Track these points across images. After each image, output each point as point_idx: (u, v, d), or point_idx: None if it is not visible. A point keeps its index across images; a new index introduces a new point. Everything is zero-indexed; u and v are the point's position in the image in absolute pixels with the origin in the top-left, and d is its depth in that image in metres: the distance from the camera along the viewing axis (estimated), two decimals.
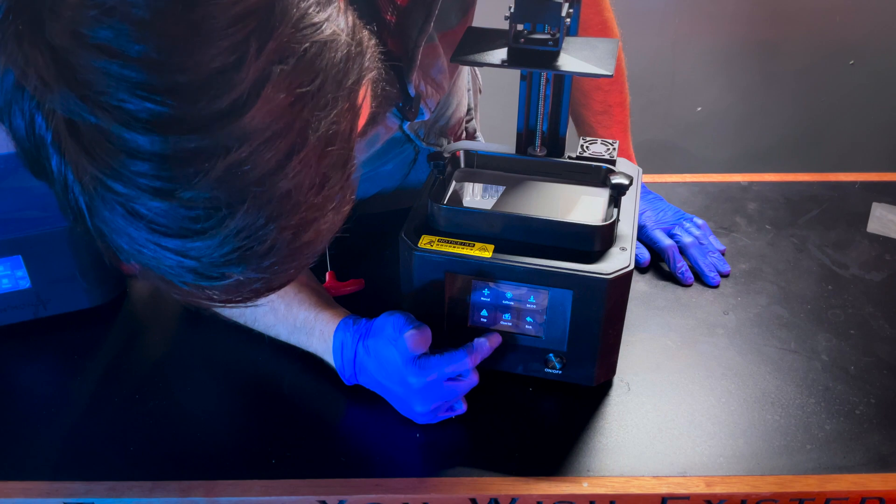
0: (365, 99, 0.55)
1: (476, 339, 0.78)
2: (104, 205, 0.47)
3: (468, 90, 1.14)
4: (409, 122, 0.93)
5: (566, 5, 0.71)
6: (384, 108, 0.84)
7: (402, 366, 0.75)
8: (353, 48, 0.51)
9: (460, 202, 0.82)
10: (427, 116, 0.89)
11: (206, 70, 0.43)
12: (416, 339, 0.75)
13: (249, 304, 0.55)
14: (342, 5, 0.52)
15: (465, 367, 0.76)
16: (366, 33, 0.54)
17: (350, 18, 0.53)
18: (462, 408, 0.79)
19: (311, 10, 0.48)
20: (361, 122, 0.55)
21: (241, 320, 0.87)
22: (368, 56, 0.54)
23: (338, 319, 0.81)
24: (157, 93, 0.43)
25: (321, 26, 0.48)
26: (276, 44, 0.45)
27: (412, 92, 0.82)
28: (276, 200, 0.47)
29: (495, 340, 0.79)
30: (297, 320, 0.83)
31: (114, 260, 0.51)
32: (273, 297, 0.82)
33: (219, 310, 0.86)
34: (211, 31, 0.43)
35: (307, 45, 0.47)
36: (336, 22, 0.50)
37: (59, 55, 0.43)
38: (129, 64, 0.42)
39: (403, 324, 0.76)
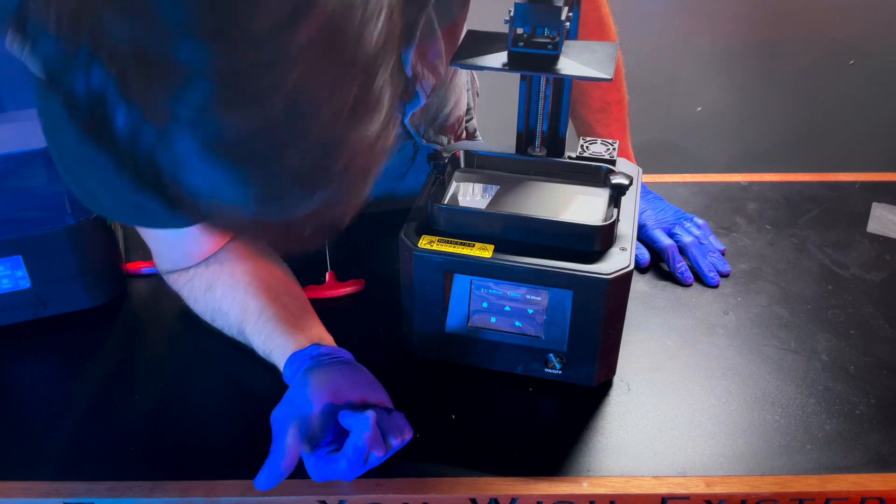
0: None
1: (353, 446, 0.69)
2: (178, 139, 0.45)
3: (467, 90, 1.14)
4: (409, 116, 0.93)
5: (566, 9, 0.71)
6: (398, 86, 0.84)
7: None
8: None
9: (460, 202, 0.82)
10: (423, 101, 0.88)
11: None
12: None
13: (307, 248, 0.55)
14: None
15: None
16: None
17: None
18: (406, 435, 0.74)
19: None
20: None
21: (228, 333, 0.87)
22: None
23: (283, 361, 0.79)
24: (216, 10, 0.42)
25: None
26: None
27: (409, 72, 0.82)
28: (341, 119, 0.47)
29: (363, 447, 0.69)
30: (257, 349, 0.83)
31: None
32: (243, 314, 0.82)
33: (216, 325, 0.87)
34: None
35: None
36: None
37: None
38: None
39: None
